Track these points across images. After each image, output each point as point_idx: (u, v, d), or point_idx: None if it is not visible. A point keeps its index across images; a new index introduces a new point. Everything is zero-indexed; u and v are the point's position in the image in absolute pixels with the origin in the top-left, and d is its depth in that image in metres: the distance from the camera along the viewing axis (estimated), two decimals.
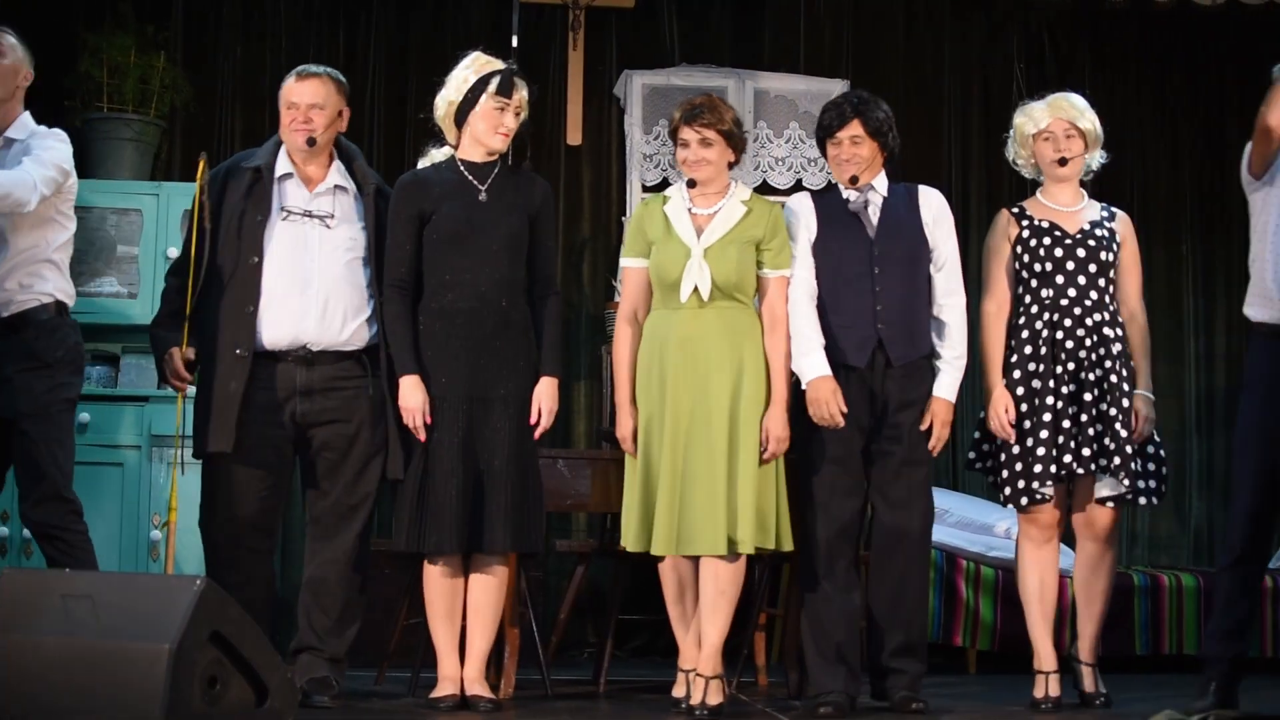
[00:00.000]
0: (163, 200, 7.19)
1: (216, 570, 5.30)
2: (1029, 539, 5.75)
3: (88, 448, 6.88)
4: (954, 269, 5.60)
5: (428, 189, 5.47)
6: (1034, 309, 5.72)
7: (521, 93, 5.47)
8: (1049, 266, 5.70)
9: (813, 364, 5.40)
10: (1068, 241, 5.70)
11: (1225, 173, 8.61)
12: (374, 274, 5.47)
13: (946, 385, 5.53)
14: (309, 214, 5.45)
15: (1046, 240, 5.71)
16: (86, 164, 7.44)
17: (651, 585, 5.69)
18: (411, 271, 5.40)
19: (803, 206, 5.61)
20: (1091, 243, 5.71)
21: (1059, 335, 5.66)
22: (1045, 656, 5.71)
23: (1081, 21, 8.64)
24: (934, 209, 5.61)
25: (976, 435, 5.84)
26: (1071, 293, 5.68)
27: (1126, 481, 5.57)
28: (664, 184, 8.22)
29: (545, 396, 5.42)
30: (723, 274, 5.36)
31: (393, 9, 8.18)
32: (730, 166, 5.52)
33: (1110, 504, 5.67)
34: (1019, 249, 5.77)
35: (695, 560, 5.36)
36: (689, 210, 5.47)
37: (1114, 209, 5.89)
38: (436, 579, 5.40)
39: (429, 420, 5.31)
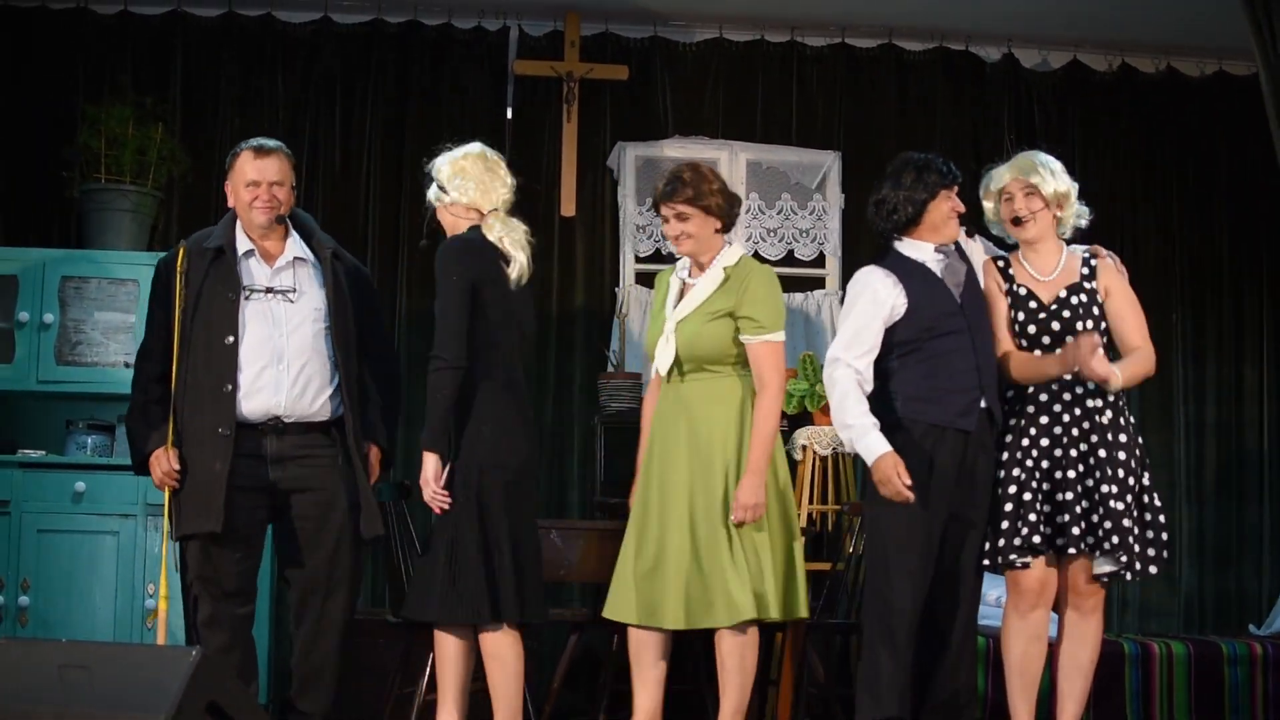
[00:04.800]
0: None
1: (200, 639, 5.34)
2: (1014, 607, 5.52)
3: (83, 516, 6.93)
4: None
5: (484, 262, 5.51)
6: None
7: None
8: (1023, 343, 5.52)
9: (871, 444, 5.26)
10: (1041, 316, 5.50)
11: (1214, 241, 8.68)
12: (334, 341, 5.50)
13: None
14: (270, 290, 5.49)
15: (1021, 314, 5.53)
16: (84, 234, 7.50)
17: None
18: (465, 348, 5.39)
19: (884, 283, 5.42)
20: (1066, 313, 5.48)
21: (1030, 409, 5.47)
22: None
23: (1071, 92, 8.71)
24: (979, 260, 5.66)
25: None
26: None
27: (1124, 558, 5.33)
28: (656, 255, 8.30)
29: None
30: (685, 347, 5.42)
31: (390, 81, 8.24)
32: (723, 231, 5.54)
33: (1105, 580, 5.46)
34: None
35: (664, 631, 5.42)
36: (684, 281, 5.55)
37: (1095, 260, 5.61)
38: (453, 659, 5.38)
39: (449, 499, 5.35)
